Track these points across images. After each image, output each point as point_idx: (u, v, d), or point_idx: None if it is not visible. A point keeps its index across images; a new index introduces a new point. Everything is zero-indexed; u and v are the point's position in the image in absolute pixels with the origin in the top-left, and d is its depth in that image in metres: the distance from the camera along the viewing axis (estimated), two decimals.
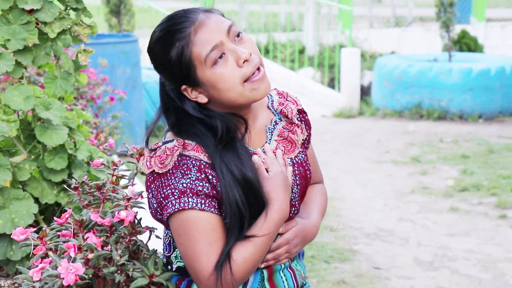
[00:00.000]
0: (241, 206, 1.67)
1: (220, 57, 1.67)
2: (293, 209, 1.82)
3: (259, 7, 11.87)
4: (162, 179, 1.68)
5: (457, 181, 5.96)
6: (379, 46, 11.83)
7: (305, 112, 1.94)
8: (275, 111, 1.88)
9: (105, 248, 1.73)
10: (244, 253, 1.66)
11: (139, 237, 1.79)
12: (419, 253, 4.50)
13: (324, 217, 5.29)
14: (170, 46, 1.68)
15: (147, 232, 1.81)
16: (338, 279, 4.05)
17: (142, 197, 1.85)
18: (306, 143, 1.93)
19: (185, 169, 1.67)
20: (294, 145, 1.85)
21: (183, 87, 1.71)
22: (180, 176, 1.67)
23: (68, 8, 2.49)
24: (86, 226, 1.79)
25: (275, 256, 1.79)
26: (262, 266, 1.79)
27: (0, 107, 2.40)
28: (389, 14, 13.28)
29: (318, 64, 10.51)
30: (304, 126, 1.91)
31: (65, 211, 2.19)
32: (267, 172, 1.74)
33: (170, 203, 1.66)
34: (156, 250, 1.80)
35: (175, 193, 1.66)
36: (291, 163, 1.84)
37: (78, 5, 2.50)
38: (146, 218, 1.88)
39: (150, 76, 7.58)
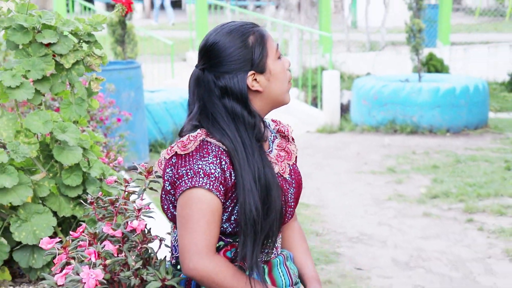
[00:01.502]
0: (255, 214, 1.68)
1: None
2: (289, 209, 1.85)
3: None
4: (180, 160, 1.71)
5: (429, 189, 6.00)
6: (356, 68, 11.90)
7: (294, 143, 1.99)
8: (272, 130, 1.93)
9: (119, 255, 1.75)
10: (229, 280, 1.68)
11: (150, 246, 1.81)
12: (397, 254, 4.53)
13: (310, 223, 5.32)
14: (248, 34, 1.75)
15: (157, 242, 1.83)
16: (324, 280, 4.07)
17: (149, 208, 1.87)
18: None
19: (204, 153, 1.70)
20: (290, 154, 1.90)
21: (251, 72, 1.74)
22: (198, 158, 1.69)
23: (81, 41, 2.52)
24: (99, 238, 1.81)
25: None
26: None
27: (22, 130, 2.42)
28: (364, 39, 13.37)
29: (302, 85, 10.56)
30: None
31: (81, 223, 2.21)
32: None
33: (183, 182, 1.68)
34: (165, 256, 1.82)
35: (189, 173, 1.68)
36: (290, 167, 1.89)
37: (90, 38, 2.53)
38: (155, 228, 1.91)
39: (152, 99, 7.59)
